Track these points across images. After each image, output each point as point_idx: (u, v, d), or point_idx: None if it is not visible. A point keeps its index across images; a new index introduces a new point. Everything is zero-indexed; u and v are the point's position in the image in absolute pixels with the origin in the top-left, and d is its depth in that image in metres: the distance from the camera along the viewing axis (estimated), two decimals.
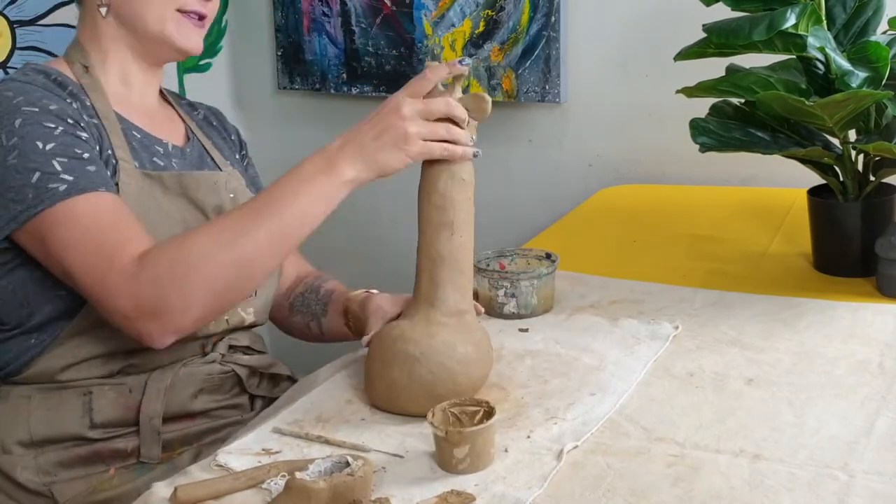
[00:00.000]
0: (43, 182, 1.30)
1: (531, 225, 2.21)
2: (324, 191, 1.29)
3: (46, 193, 1.29)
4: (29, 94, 1.35)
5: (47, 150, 1.31)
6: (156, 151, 1.47)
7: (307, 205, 1.29)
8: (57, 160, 1.31)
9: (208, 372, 1.45)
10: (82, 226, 1.29)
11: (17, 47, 2.20)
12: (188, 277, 1.26)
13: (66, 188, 1.30)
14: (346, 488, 1.04)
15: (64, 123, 1.34)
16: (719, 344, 1.41)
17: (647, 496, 1.06)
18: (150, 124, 1.49)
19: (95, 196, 1.31)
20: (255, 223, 1.28)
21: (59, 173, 1.30)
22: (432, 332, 1.24)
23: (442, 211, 1.28)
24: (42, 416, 1.38)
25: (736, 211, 1.98)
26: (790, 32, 1.51)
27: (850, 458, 1.11)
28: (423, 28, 2.35)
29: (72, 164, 1.32)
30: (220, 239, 1.27)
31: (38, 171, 1.30)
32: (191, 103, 1.67)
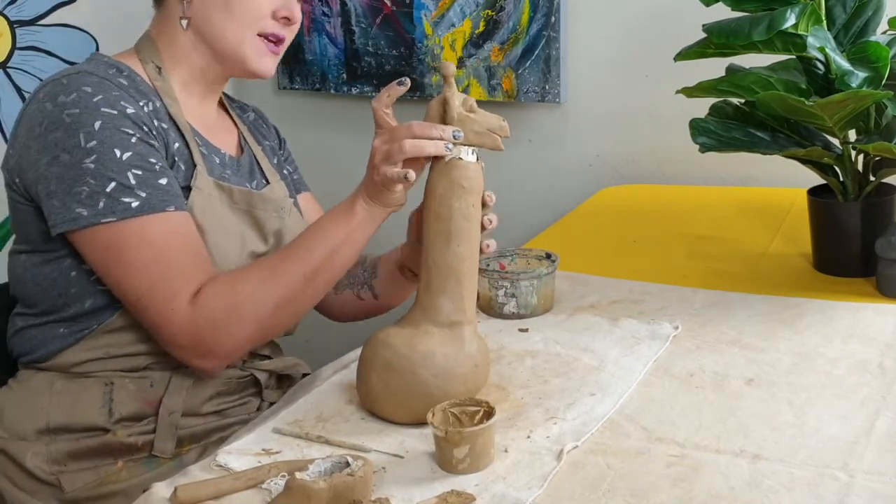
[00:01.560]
0: (117, 194, 1.32)
1: (531, 225, 2.21)
2: (347, 231, 1.36)
3: (118, 206, 1.32)
4: (108, 92, 1.36)
5: (124, 159, 1.33)
6: (214, 161, 1.48)
7: (335, 244, 1.36)
8: (132, 172, 1.33)
9: (228, 375, 1.48)
10: (151, 252, 1.33)
11: (17, 47, 2.20)
12: (240, 323, 1.34)
13: (139, 205, 1.32)
14: (346, 488, 1.04)
15: (140, 131, 1.36)
16: (719, 344, 1.41)
17: (647, 496, 1.06)
18: (209, 133, 1.51)
19: (166, 218, 1.34)
20: (293, 264, 1.36)
21: (133, 188, 1.33)
22: (415, 342, 1.22)
23: (439, 219, 1.26)
24: (62, 403, 1.40)
25: (736, 211, 1.98)
26: (790, 32, 1.51)
27: (850, 458, 1.11)
28: (423, 28, 2.35)
29: (146, 178, 1.34)
30: (267, 284, 1.35)
31: (114, 180, 1.32)
32: (241, 106, 1.68)
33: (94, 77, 1.37)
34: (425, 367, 1.21)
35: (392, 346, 1.23)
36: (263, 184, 1.56)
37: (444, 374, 1.21)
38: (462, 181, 1.26)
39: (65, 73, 1.40)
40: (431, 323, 1.24)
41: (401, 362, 1.21)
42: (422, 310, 1.25)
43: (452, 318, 1.24)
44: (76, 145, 1.32)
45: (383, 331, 1.26)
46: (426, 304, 1.25)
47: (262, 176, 1.57)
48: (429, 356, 1.21)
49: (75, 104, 1.34)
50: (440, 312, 1.24)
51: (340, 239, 1.36)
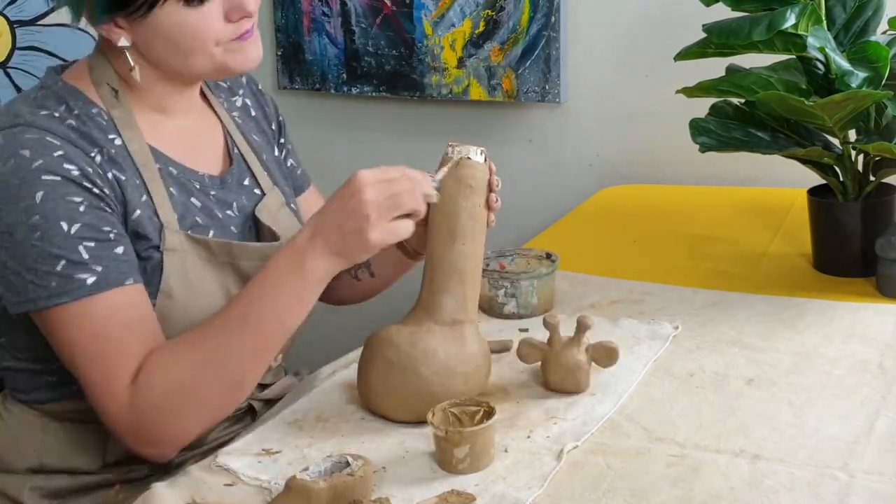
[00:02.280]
0: (69, 271, 1.20)
1: (531, 225, 2.21)
2: (298, 293, 1.23)
3: (72, 284, 1.20)
4: (48, 153, 1.22)
5: (73, 233, 1.20)
6: (192, 189, 1.35)
7: (284, 310, 1.23)
8: (84, 245, 1.21)
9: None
10: (88, 332, 1.21)
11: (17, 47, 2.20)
12: (184, 408, 1.22)
13: (95, 281, 1.20)
14: (346, 488, 1.04)
15: (88, 195, 1.23)
16: (719, 344, 1.41)
17: (647, 496, 1.06)
18: (187, 153, 1.37)
19: (120, 293, 1.22)
20: (239, 340, 1.22)
21: (86, 263, 1.20)
22: (416, 340, 1.22)
23: (445, 216, 1.26)
24: (55, 449, 1.34)
25: (736, 211, 1.98)
26: (790, 32, 1.51)
27: (850, 458, 1.11)
28: (423, 28, 2.35)
29: (99, 250, 1.22)
30: (206, 364, 1.21)
31: (64, 258, 1.20)
32: (230, 87, 1.51)
33: (34, 132, 1.23)
34: (426, 365, 1.21)
35: (394, 343, 1.23)
36: (257, 195, 1.43)
37: (446, 372, 1.21)
38: (470, 181, 1.26)
39: (2, 125, 1.26)
40: (433, 321, 1.24)
41: (402, 360, 1.21)
42: (424, 308, 1.25)
43: (455, 317, 1.24)
44: (20, 222, 1.20)
45: (385, 329, 1.26)
46: (428, 303, 1.25)
47: (256, 184, 1.44)
48: (430, 354, 1.21)
49: (14, 173, 1.21)
50: (442, 311, 1.24)
51: (290, 305, 1.22)
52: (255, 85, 1.56)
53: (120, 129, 1.30)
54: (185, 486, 1.13)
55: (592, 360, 1.28)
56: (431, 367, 1.21)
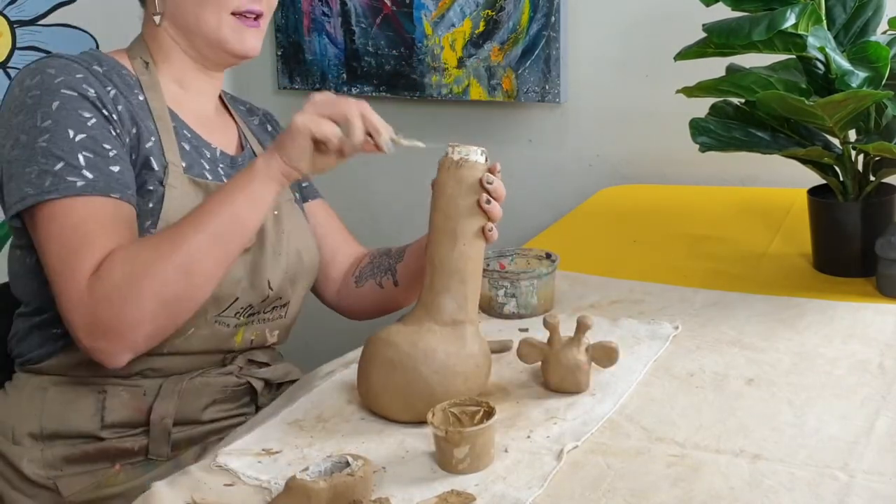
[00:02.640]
0: (63, 172, 1.30)
1: (531, 225, 2.21)
2: (247, 188, 1.32)
3: (62, 184, 1.30)
4: (71, 74, 1.36)
5: (77, 140, 1.32)
6: (203, 155, 1.46)
7: (236, 204, 1.31)
8: (83, 154, 1.32)
9: (224, 384, 1.46)
10: (68, 224, 1.29)
11: (17, 47, 2.20)
12: (138, 292, 1.26)
13: (83, 185, 1.30)
14: (346, 488, 1.04)
15: (99, 114, 1.35)
16: (719, 344, 1.41)
17: (647, 496, 1.06)
18: (202, 128, 1.49)
19: (104, 201, 1.31)
20: (194, 229, 1.29)
21: (81, 168, 1.31)
22: (417, 340, 1.22)
23: (446, 217, 1.27)
24: (55, 410, 1.39)
25: (736, 211, 1.98)
26: (790, 32, 1.51)
27: (850, 458, 1.11)
28: (423, 28, 2.35)
29: (96, 161, 1.32)
30: (162, 249, 1.28)
31: (63, 160, 1.31)
32: (250, 108, 1.66)
33: (62, 60, 1.38)
34: (427, 365, 1.21)
35: (394, 343, 1.23)
36: None
37: (446, 371, 1.21)
38: (471, 181, 1.27)
39: (40, 58, 1.40)
40: (434, 321, 1.24)
41: (402, 359, 1.21)
42: (424, 308, 1.26)
43: (455, 317, 1.24)
44: (33, 126, 1.33)
45: (385, 329, 1.26)
46: (429, 303, 1.25)
47: None
48: (430, 353, 1.21)
49: (38, 86, 1.35)
50: (443, 311, 1.24)
51: (241, 199, 1.31)
52: (272, 117, 1.71)
53: (145, 88, 1.44)
54: (185, 486, 1.13)
55: (592, 360, 1.28)
56: (432, 367, 1.21)
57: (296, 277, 1.52)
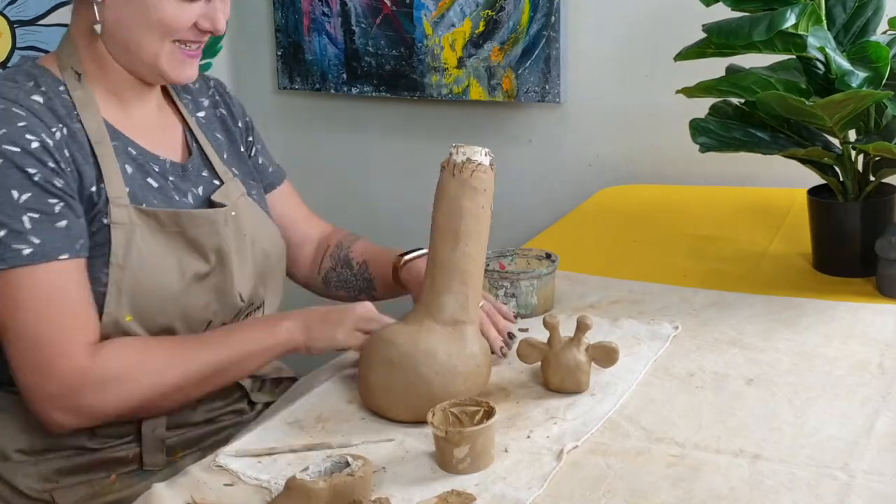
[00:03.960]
0: (8, 240, 1.26)
1: (531, 225, 2.21)
2: (263, 343, 1.36)
3: (8, 253, 1.26)
4: (12, 124, 1.28)
5: (21, 202, 1.26)
6: (151, 170, 1.40)
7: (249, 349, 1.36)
8: (28, 215, 1.27)
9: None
10: (31, 304, 1.27)
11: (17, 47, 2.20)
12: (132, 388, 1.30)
13: (31, 253, 1.26)
14: (346, 488, 1.04)
15: (43, 167, 1.28)
16: (719, 344, 1.41)
17: (647, 496, 1.06)
18: (147, 139, 1.43)
19: (54, 267, 1.28)
20: (206, 352, 1.34)
21: (26, 233, 1.26)
22: (418, 339, 1.23)
23: (449, 218, 1.27)
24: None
25: (736, 211, 1.98)
26: (790, 32, 1.51)
27: (850, 458, 1.11)
28: (423, 28, 2.35)
29: (42, 222, 1.27)
30: (173, 359, 1.32)
31: (7, 227, 1.26)
32: (198, 91, 1.57)
33: (1, 102, 1.30)
34: (427, 365, 1.21)
35: (394, 342, 1.23)
36: (216, 185, 1.47)
37: (446, 371, 1.21)
38: (474, 182, 1.27)
39: None
40: (434, 321, 1.24)
41: (403, 359, 1.21)
42: (425, 308, 1.26)
43: (456, 318, 1.24)
44: None
45: (385, 328, 1.26)
46: (430, 302, 1.26)
47: (215, 175, 1.48)
48: (431, 353, 1.21)
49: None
50: (444, 311, 1.24)
51: (253, 349, 1.36)
52: (223, 87, 1.63)
53: (79, 108, 1.36)
54: (185, 486, 1.13)
55: (593, 360, 1.28)
56: (432, 367, 1.21)
57: (265, 277, 1.50)
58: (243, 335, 1.36)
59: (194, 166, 1.47)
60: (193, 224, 1.39)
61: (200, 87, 1.58)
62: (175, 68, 1.39)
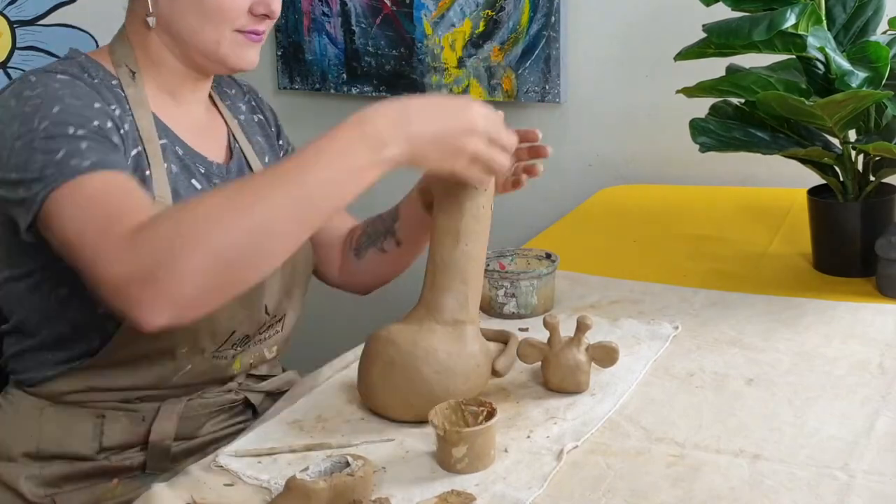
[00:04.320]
0: (67, 158, 1.19)
1: (531, 225, 2.21)
2: (359, 163, 1.13)
3: (68, 168, 1.19)
4: (75, 88, 1.28)
5: (78, 133, 1.22)
6: (196, 171, 1.39)
7: (338, 174, 1.12)
8: (86, 142, 1.22)
9: (222, 402, 1.42)
10: (88, 196, 1.18)
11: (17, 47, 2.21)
12: (192, 240, 1.06)
13: (90, 164, 1.19)
14: (346, 488, 1.04)
15: (105, 117, 1.27)
16: (719, 344, 1.41)
17: (647, 496, 1.06)
18: (196, 139, 1.41)
19: (116, 174, 1.21)
20: (277, 187, 1.09)
21: (84, 152, 1.20)
22: (418, 339, 1.22)
23: (449, 217, 1.27)
24: (52, 433, 1.35)
25: (736, 211, 1.98)
26: (790, 32, 1.51)
27: (850, 458, 1.11)
28: (423, 28, 2.35)
29: (100, 144, 1.23)
30: (234, 202, 1.08)
31: (63, 149, 1.20)
32: (236, 93, 1.56)
33: (65, 76, 1.29)
34: (427, 364, 1.21)
35: (394, 342, 1.23)
36: None
37: (446, 371, 1.21)
38: (476, 182, 1.27)
39: (34, 71, 1.32)
40: (435, 321, 1.24)
41: (403, 358, 1.21)
42: (425, 307, 1.26)
43: (456, 317, 1.24)
44: (29, 130, 1.22)
45: (385, 328, 1.26)
46: (430, 302, 1.26)
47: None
48: (431, 353, 1.21)
49: (38, 96, 1.25)
50: (444, 310, 1.25)
51: (340, 167, 1.12)
52: (256, 94, 1.62)
53: (132, 105, 1.34)
54: (185, 486, 1.13)
55: (593, 360, 1.28)
56: (432, 367, 1.21)
57: (292, 288, 1.47)
58: (318, 151, 1.12)
59: (235, 168, 1.46)
60: None
61: (237, 92, 1.57)
62: (237, 55, 1.37)
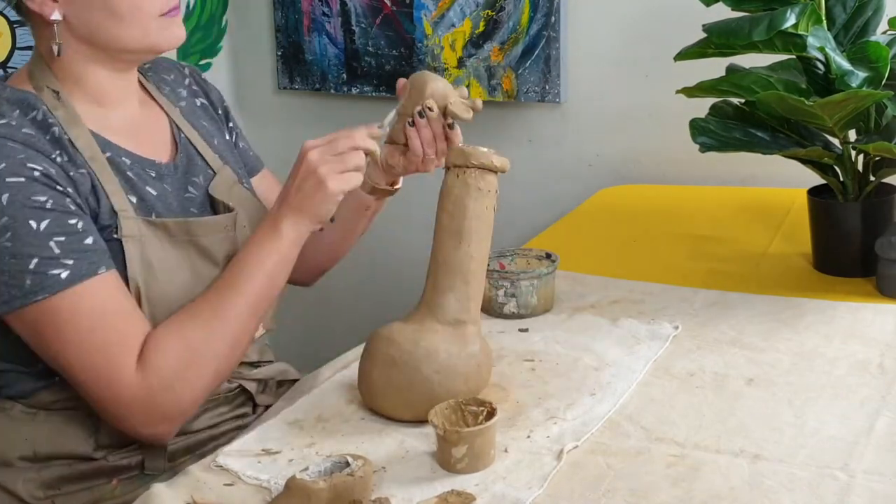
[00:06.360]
0: (42, 268, 1.23)
1: (531, 225, 2.21)
2: (280, 253, 1.33)
3: (47, 281, 1.23)
4: (11, 157, 1.25)
5: (42, 230, 1.23)
6: (148, 177, 1.38)
7: (270, 268, 1.33)
8: (54, 240, 1.24)
9: (217, 391, 1.41)
10: (86, 323, 1.25)
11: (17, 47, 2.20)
12: (198, 374, 1.29)
13: (68, 275, 1.23)
14: (346, 488, 1.04)
15: (53, 192, 1.25)
16: (719, 344, 1.41)
17: (647, 496, 1.06)
18: (135, 142, 1.39)
19: (98, 282, 1.25)
20: (235, 296, 1.32)
21: (58, 257, 1.23)
22: (419, 338, 1.22)
23: (452, 217, 1.27)
24: (46, 434, 1.34)
25: (736, 211, 1.98)
26: (790, 32, 1.51)
27: (850, 458, 1.11)
28: (423, 28, 2.35)
29: (69, 243, 1.25)
30: (212, 325, 1.30)
31: (36, 256, 1.23)
32: (175, 80, 1.54)
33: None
34: (428, 364, 1.21)
35: (395, 341, 1.23)
36: (210, 174, 1.46)
37: (447, 371, 1.21)
38: (479, 184, 1.27)
39: None
40: (436, 320, 1.24)
41: (403, 358, 1.22)
42: (427, 307, 1.26)
43: (457, 317, 1.24)
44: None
45: (386, 327, 1.26)
46: (432, 302, 1.26)
47: (207, 166, 1.47)
48: (432, 353, 1.22)
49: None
50: (446, 311, 1.25)
51: (274, 262, 1.33)
52: (198, 75, 1.60)
53: (66, 128, 1.32)
54: (184, 486, 1.13)
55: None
56: (433, 367, 1.21)
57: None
58: (259, 260, 1.33)
59: (184, 161, 1.45)
60: (203, 231, 1.38)
61: (176, 76, 1.55)
62: (167, 37, 1.36)
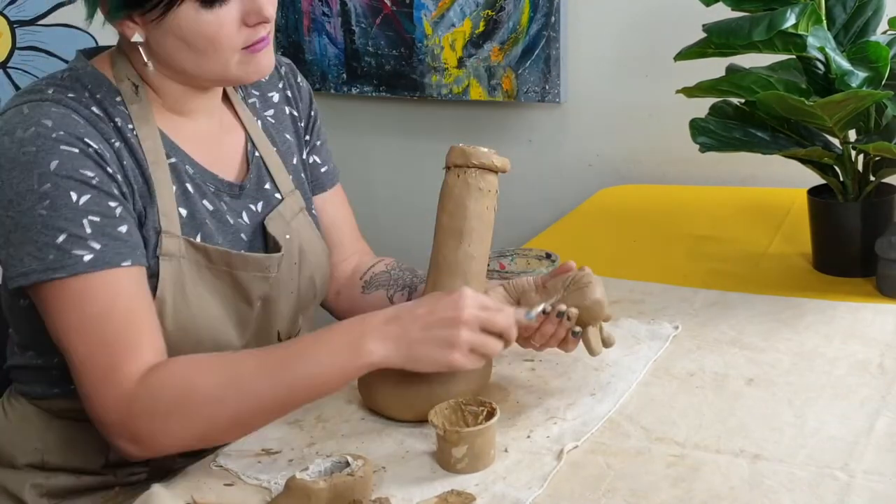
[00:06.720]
0: (67, 245, 1.17)
1: (531, 225, 2.21)
2: (342, 367, 1.18)
3: (68, 260, 1.17)
4: (71, 127, 1.21)
5: (80, 205, 1.18)
6: (207, 191, 1.33)
7: (321, 375, 1.18)
8: (89, 218, 1.19)
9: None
10: (94, 312, 1.18)
11: (17, 47, 2.21)
12: (184, 424, 1.17)
13: (91, 259, 1.18)
14: (346, 488, 1.04)
15: (102, 172, 1.21)
16: (719, 344, 1.41)
17: (647, 496, 1.06)
18: (205, 156, 1.35)
19: (118, 274, 1.20)
20: (264, 378, 1.17)
21: (86, 238, 1.18)
22: None
23: (452, 217, 1.27)
24: (58, 445, 1.33)
25: (736, 211, 1.98)
26: (790, 32, 1.51)
27: (850, 458, 1.11)
28: (423, 28, 2.35)
29: (103, 225, 1.19)
30: (227, 390, 1.17)
31: (66, 231, 1.17)
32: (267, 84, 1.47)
33: (60, 107, 1.23)
34: None
35: None
36: (275, 200, 1.39)
37: (446, 373, 1.21)
38: (480, 184, 1.27)
39: (28, 99, 1.24)
40: None
41: None
42: None
43: None
44: (29, 189, 1.18)
45: None
46: None
47: (276, 190, 1.40)
48: None
49: (33, 140, 1.19)
50: None
51: (333, 377, 1.18)
52: (293, 74, 1.53)
53: (136, 124, 1.28)
54: (184, 487, 1.13)
55: None
56: None
57: (306, 308, 1.43)
58: (318, 358, 1.18)
59: (252, 183, 1.39)
60: (243, 266, 1.32)
61: (271, 77, 1.45)
62: (248, 71, 1.28)
